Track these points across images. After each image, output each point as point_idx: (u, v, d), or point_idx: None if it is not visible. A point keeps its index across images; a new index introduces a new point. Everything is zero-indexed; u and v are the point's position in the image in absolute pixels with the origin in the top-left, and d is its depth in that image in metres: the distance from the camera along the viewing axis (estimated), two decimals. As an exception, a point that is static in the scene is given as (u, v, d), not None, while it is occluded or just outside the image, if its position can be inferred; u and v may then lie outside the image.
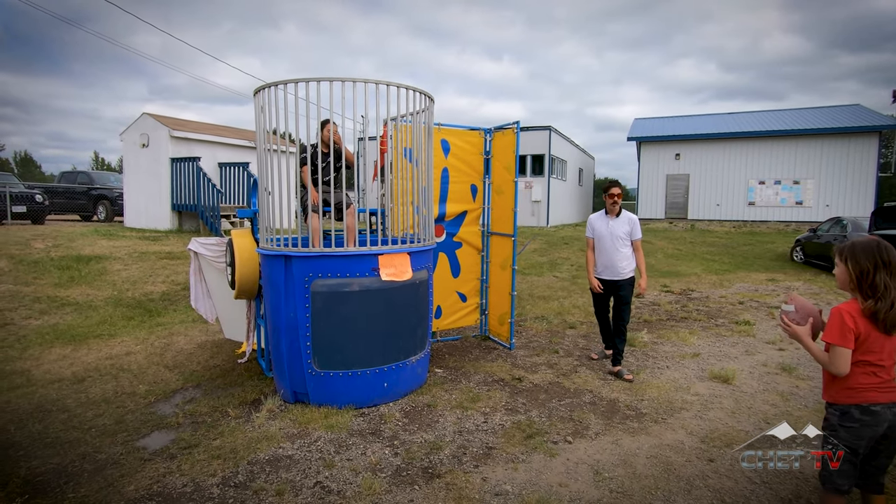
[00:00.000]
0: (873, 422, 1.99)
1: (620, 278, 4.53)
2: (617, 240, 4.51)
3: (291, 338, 3.70)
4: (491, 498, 2.60)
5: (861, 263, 2.00)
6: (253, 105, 3.95)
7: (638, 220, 4.63)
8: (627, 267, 4.53)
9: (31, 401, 3.93)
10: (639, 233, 4.56)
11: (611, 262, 4.55)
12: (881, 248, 1.99)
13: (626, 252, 4.53)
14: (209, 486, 2.73)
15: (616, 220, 4.57)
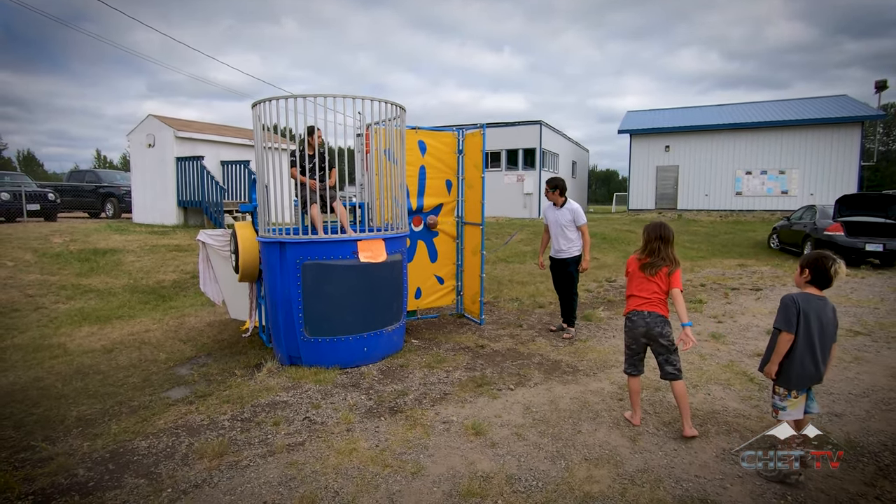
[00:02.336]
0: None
1: (566, 256, 5.43)
2: (561, 226, 5.33)
3: (286, 310, 4.45)
4: (439, 424, 3.36)
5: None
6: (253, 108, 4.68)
7: (580, 207, 5.48)
8: (572, 248, 5.39)
9: (71, 366, 4.71)
10: (582, 219, 5.36)
11: (557, 244, 5.46)
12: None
13: (572, 236, 5.35)
14: (221, 420, 3.50)
15: (560, 210, 5.38)
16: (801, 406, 2.76)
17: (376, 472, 2.76)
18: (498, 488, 2.59)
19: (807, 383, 2.72)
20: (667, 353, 3.20)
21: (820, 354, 2.69)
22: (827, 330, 2.70)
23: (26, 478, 2.79)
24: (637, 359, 3.34)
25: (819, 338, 2.68)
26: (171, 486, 2.67)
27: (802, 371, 2.69)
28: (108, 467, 2.89)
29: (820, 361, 2.69)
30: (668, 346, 3.20)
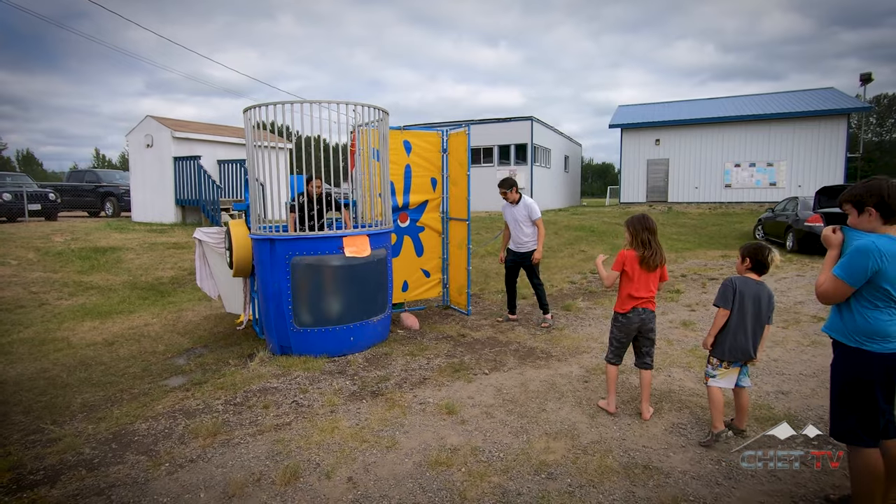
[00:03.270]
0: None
1: (524, 250, 5.84)
2: (517, 222, 5.80)
3: (276, 303, 4.73)
4: (416, 405, 3.65)
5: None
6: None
7: (535, 203, 5.84)
8: (528, 241, 5.79)
9: (74, 358, 5.00)
10: (536, 214, 5.76)
11: (516, 238, 5.88)
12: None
13: (528, 231, 5.76)
14: (215, 404, 3.78)
15: (516, 206, 5.80)
16: (730, 377, 3.05)
17: (355, 446, 3.06)
18: (463, 458, 2.89)
19: (738, 357, 3.01)
20: (650, 346, 3.45)
21: (752, 332, 2.98)
22: (761, 311, 2.99)
23: (37, 456, 3.07)
24: (623, 350, 3.49)
25: (753, 317, 2.97)
26: (168, 461, 2.96)
27: (735, 344, 2.99)
28: (111, 446, 3.18)
29: (751, 338, 2.98)
30: (653, 339, 3.47)
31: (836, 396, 2.27)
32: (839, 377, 2.26)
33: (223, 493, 2.60)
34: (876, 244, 2.06)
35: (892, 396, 2.20)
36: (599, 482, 2.63)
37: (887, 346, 2.12)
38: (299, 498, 2.55)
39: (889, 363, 2.14)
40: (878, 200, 2.11)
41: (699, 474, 2.70)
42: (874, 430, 2.17)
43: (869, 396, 2.15)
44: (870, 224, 2.14)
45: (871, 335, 2.13)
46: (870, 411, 2.16)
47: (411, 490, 2.60)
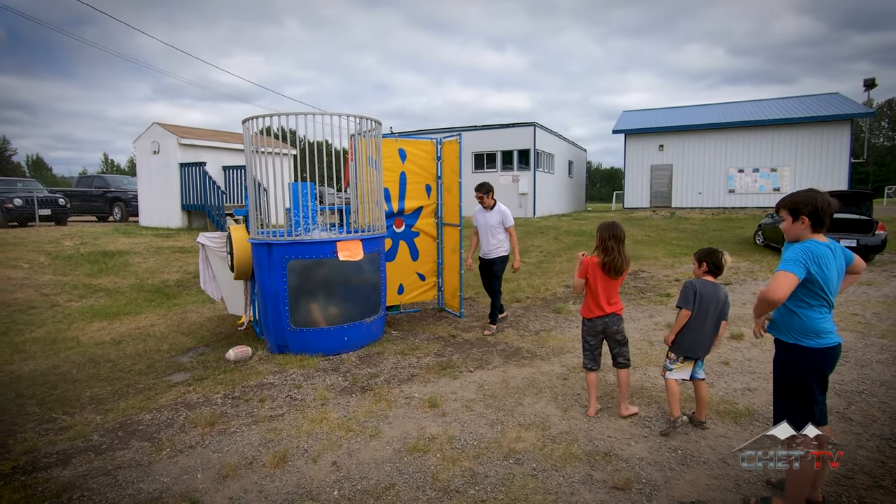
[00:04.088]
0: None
1: (492, 257, 5.93)
2: (490, 228, 5.88)
3: (274, 304, 4.99)
4: (402, 399, 3.89)
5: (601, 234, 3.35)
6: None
7: (509, 211, 5.93)
8: (498, 248, 5.89)
9: (84, 356, 5.28)
10: (509, 221, 5.87)
11: (486, 245, 5.97)
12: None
13: (500, 237, 5.87)
14: (215, 398, 4.04)
15: (490, 212, 5.92)
16: (686, 370, 3.26)
17: (341, 435, 3.29)
18: (439, 446, 3.12)
19: (696, 353, 3.23)
20: (619, 346, 3.58)
21: (710, 330, 3.19)
22: (719, 310, 3.21)
23: (50, 442, 3.34)
24: (596, 353, 3.59)
25: (711, 317, 3.19)
26: (169, 446, 3.21)
27: (694, 342, 3.20)
28: (117, 434, 3.44)
29: (709, 336, 3.20)
30: (622, 340, 3.57)
31: (777, 388, 2.48)
32: (779, 371, 2.46)
33: (218, 474, 2.85)
34: (809, 247, 2.28)
35: (825, 388, 2.41)
36: (562, 467, 2.85)
37: (820, 341, 2.33)
38: (287, 478, 2.79)
39: (822, 357, 2.34)
40: (812, 210, 2.32)
41: (655, 460, 2.91)
42: (811, 419, 2.38)
43: (805, 388, 2.36)
44: (800, 230, 2.35)
45: (805, 332, 2.33)
46: (806, 401, 2.37)
47: (389, 472, 2.83)
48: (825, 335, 2.33)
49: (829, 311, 2.36)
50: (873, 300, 7.18)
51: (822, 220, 2.31)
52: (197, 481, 2.79)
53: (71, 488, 2.74)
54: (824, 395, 2.41)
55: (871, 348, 4.99)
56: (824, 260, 2.26)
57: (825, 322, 2.35)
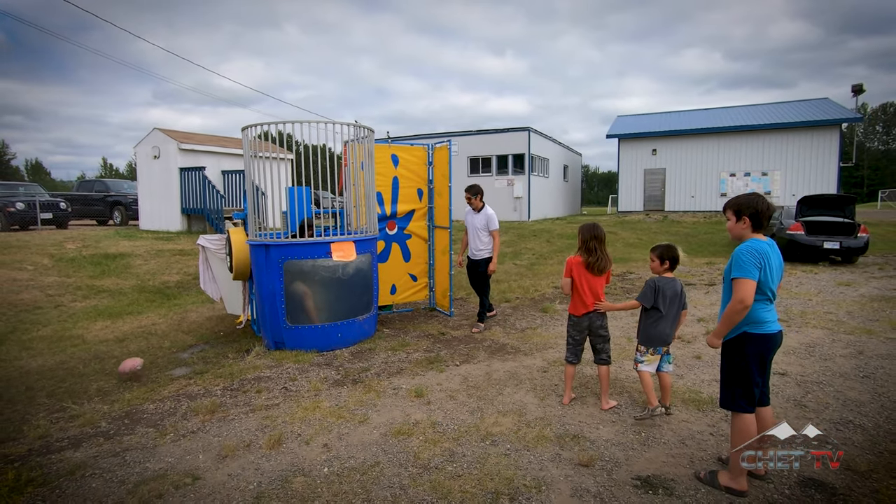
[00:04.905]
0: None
1: (479, 258, 6.20)
2: (476, 230, 6.16)
3: (271, 303, 5.25)
4: (390, 390, 4.14)
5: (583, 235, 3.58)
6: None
7: (495, 215, 6.14)
8: (484, 250, 6.15)
9: (89, 353, 5.52)
10: (494, 225, 6.08)
11: (473, 245, 6.25)
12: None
13: (485, 239, 6.13)
14: (215, 390, 4.29)
15: (477, 214, 6.18)
16: (655, 362, 3.53)
17: (332, 421, 3.55)
18: (422, 430, 3.38)
19: (662, 344, 3.49)
20: (603, 342, 3.81)
21: (672, 322, 3.47)
22: (678, 302, 3.48)
23: (61, 428, 3.59)
24: (579, 348, 3.81)
25: (673, 309, 3.46)
26: (172, 432, 3.47)
27: (659, 334, 3.47)
28: (124, 422, 3.69)
29: (671, 327, 3.47)
30: (606, 336, 3.81)
31: (723, 373, 2.75)
32: (726, 359, 2.73)
33: (218, 455, 3.10)
34: (754, 247, 2.56)
35: (764, 371, 2.68)
36: (534, 447, 3.11)
37: (759, 329, 2.60)
38: (281, 458, 3.05)
39: (764, 343, 2.61)
40: (753, 212, 2.60)
41: (619, 442, 3.17)
42: (752, 399, 2.64)
43: (747, 371, 2.62)
44: (742, 230, 2.63)
45: (749, 322, 2.60)
46: (748, 384, 2.63)
47: (374, 453, 3.09)
48: (767, 324, 2.60)
49: (772, 304, 2.63)
50: (849, 300, 7.46)
51: (762, 222, 2.59)
52: (199, 461, 3.05)
53: (83, 467, 3.00)
54: (763, 377, 2.68)
55: (837, 344, 5.26)
56: (767, 258, 2.54)
57: (767, 313, 2.62)
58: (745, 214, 2.63)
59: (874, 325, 5.98)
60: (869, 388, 4.03)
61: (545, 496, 2.60)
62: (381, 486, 2.72)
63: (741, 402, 2.64)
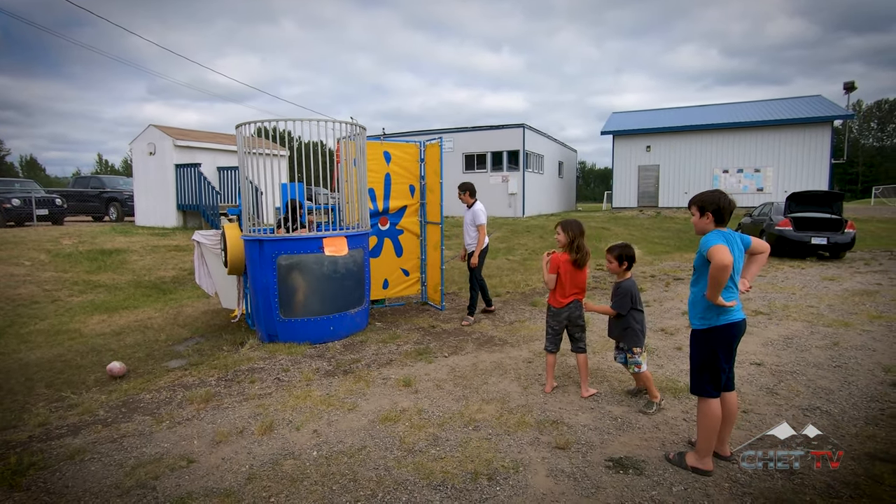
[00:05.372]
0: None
1: (469, 251, 6.50)
2: (466, 225, 6.50)
3: (265, 296, 5.37)
4: (379, 380, 4.28)
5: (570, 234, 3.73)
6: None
7: (481, 211, 6.35)
8: (472, 244, 6.44)
9: (86, 346, 5.64)
10: (479, 220, 6.33)
11: (465, 239, 6.61)
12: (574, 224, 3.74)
13: (473, 234, 6.40)
14: (209, 380, 4.42)
15: (468, 211, 6.47)
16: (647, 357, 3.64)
17: (322, 409, 3.69)
18: (408, 416, 3.52)
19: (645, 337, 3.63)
20: (581, 332, 3.99)
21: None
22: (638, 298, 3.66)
23: (61, 416, 3.72)
24: (559, 338, 3.99)
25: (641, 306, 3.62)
26: (168, 419, 3.60)
27: (644, 332, 3.62)
28: (121, 410, 3.82)
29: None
30: (583, 325, 4.01)
31: (692, 361, 2.89)
32: (694, 346, 2.87)
33: (212, 440, 3.24)
34: (717, 231, 2.71)
35: (729, 357, 2.83)
36: (514, 432, 3.26)
37: (725, 318, 2.75)
38: (273, 443, 3.19)
39: (729, 331, 2.76)
40: (716, 208, 2.75)
41: (596, 427, 3.33)
42: (718, 385, 2.79)
43: (715, 359, 2.77)
44: (705, 224, 2.78)
45: (717, 311, 2.75)
46: (715, 371, 2.78)
47: (362, 437, 3.23)
48: (731, 312, 2.75)
49: (735, 292, 2.78)
50: (831, 294, 7.63)
51: (724, 217, 2.74)
52: (193, 446, 3.18)
53: (82, 452, 3.13)
54: (729, 363, 2.83)
55: (815, 336, 5.43)
56: (731, 242, 2.69)
57: (729, 300, 2.76)
58: (709, 210, 2.77)
59: (852, 317, 6.15)
60: (839, 377, 4.19)
61: (521, 476, 2.75)
62: (366, 468, 2.86)
63: (709, 387, 2.79)
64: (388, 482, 2.71)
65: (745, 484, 2.66)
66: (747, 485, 2.65)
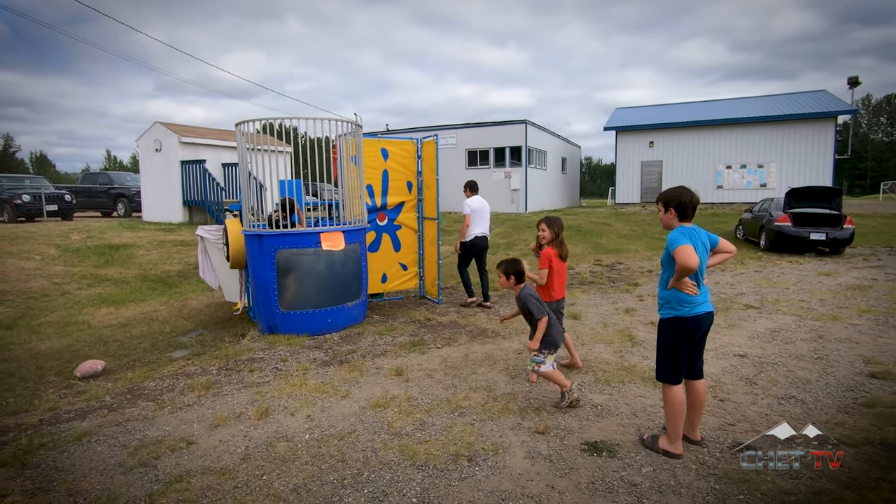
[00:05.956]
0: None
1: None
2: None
3: (265, 289, 5.55)
4: (373, 369, 4.46)
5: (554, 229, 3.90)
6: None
7: (466, 204, 6.94)
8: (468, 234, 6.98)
9: (94, 336, 5.86)
10: (464, 210, 6.95)
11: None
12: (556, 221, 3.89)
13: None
14: (211, 369, 4.61)
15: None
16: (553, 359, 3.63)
17: (316, 396, 3.86)
18: (398, 403, 3.69)
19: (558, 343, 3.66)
20: (562, 318, 4.24)
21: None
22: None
23: (69, 402, 3.92)
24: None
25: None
26: (170, 405, 3.79)
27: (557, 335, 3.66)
28: (126, 397, 4.01)
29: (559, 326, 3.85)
30: (563, 314, 4.31)
31: (658, 350, 3.03)
32: (659, 334, 3.01)
33: (211, 424, 3.42)
34: (680, 229, 2.85)
35: (693, 348, 2.95)
36: (497, 418, 3.42)
37: (688, 310, 2.88)
38: (268, 427, 3.37)
39: (694, 322, 2.89)
40: (678, 204, 2.89)
41: (578, 413, 3.48)
42: (678, 374, 2.93)
43: (677, 349, 2.91)
44: (670, 219, 2.93)
45: (682, 302, 2.89)
46: (677, 360, 2.92)
47: (353, 422, 3.40)
48: (697, 305, 2.88)
49: (701, 287, 2.91)
50: (825, 289, 7.72)
51: (686, 212, 2.88)
52: (193, 429, 3.37)
53: (89, 434, 3.32)
54: (693, 353, 2.96)
55: (802, 329, 5.54)
56: (695, 238, 2.83)
57: (696, 295, 2.89)
58: (672, 206, 2.92)
59: (842, 311, 6.25)
60: (819, 368, 4.32)
61: (500, 458, 2.91)
62: (355, 450, 3.03)
63: (671, 376, 2.93)
64: (373, 462, 2.88)
65: (711, 466, 2.80)
66: (713, 467, 2.79)
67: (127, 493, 2.63)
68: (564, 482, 2.67)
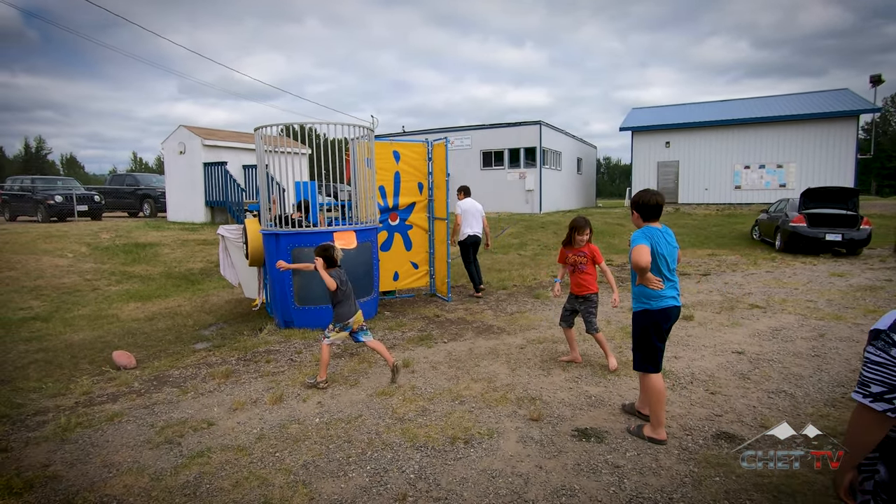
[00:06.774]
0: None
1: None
2: None
3: (281, 285, 5.85)
4: (382, 361, 4.69)
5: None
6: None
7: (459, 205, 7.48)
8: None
9: (123, 329, 6.23)
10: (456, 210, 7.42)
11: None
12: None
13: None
14: (230, 360, 4.91)
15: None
16: (341, 337, 4.18)
17: (327, 385, 4.13)
18: (402, 391, 3.93)
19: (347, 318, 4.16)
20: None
21: (353, 300, 4.24)
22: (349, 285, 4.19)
23: (101, 387, 4.25)
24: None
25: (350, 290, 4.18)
26: (193, 390, 4.09)
27: (347, 314, 4.13)
28: (153, 383, 4.33)
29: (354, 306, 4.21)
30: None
31: (634, 342, 3.21)
32: (635, 329, 3.20)
33: (230, 408, 3.71)
34: (643, 229, 3.05)
35: (663, 338, 3.12)
36: (495, 406, 3.63)
37: (655, 304, 3.06)
38: (282, 411, 3.64)
39: (661, 315, 3.07)
40: (639, 205, 3.10)
41: (571, 403, 3.67)
42: (655, 362, 3.11)
43: (649, 339, 3.09)
44: (636, 220, 3.14)
45: (650, 297, 3.07)
46: (651, 349, 3.10)
47: (360, 408, 3.65)
48: (664, 299, 3.06)
49: (668, 281, 3.07)
50: (834, 289, 7.74)
51: (648, 213, 3.08)
52: (214, 412, 3.66)
53: (120, 415, 3.63)
54: (663, 343, 3.13)
55: (804, 328, 5.62)
56: (657, 238, 3.02)
57: (664, 290, 3.06)
58: (634, 208, 3.13)
59: (847, 311, 6.30)
60: (814, 365, 4.43)
61: (495, 441, 3.13)
62: (360, 432, 3.28)
63: (647, 364, 3.11)
64: (377, 443, 3.12)
65: (693, 451, 2.97)
66: (695, 452, 2.97)
67: (154, 465, 2.92)
68: (552, 463, 2.87)
